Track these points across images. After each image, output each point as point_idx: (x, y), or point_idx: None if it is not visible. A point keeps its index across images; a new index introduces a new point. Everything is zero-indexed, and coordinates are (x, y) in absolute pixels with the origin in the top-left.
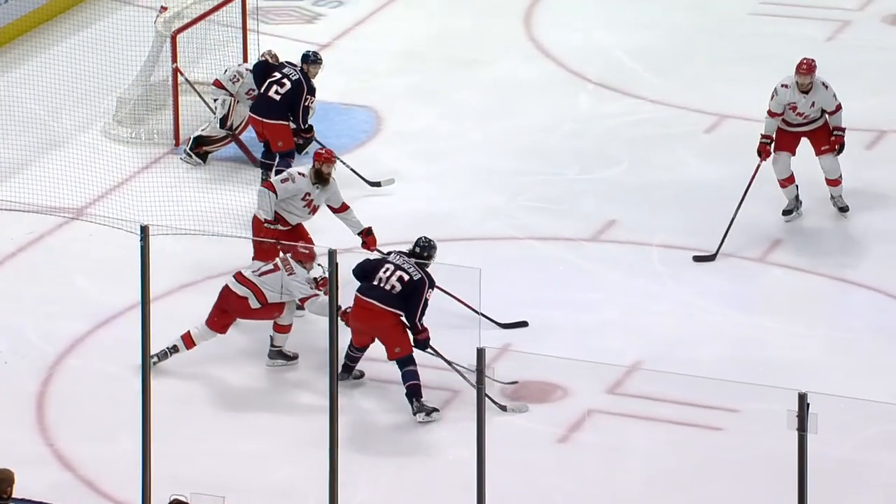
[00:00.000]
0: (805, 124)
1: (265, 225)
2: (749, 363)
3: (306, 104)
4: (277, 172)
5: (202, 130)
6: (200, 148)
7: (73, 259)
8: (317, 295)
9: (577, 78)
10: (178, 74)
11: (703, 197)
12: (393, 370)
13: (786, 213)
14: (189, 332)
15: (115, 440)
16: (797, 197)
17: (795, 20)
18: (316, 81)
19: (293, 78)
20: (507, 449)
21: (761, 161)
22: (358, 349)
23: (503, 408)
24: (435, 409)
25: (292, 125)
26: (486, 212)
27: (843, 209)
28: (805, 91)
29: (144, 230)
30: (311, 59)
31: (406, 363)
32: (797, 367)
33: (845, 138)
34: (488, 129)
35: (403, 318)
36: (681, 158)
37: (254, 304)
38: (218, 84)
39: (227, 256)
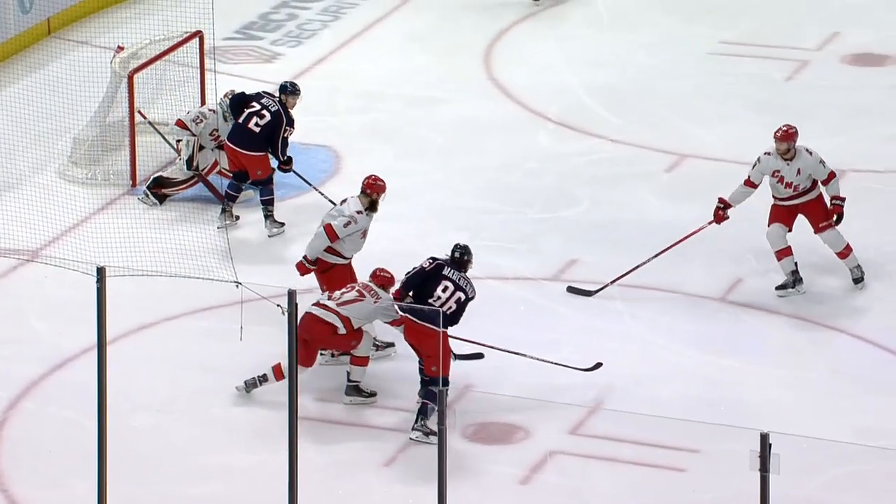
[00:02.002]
0: (796, 196)
1: (307, 265)
2: (711, 403)
3: (285, 135)
4: (265, 203)
5: (165, 171)
6: (160, 189)
7: (29, 301)
8: (402, 323)
9: (538, 117)
10: (140, 116)
11: (665, 236)
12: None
13: (780, 287)
14: (279, 363)
15: (70, 486)
16: (794, 272)
17: (755, 59)
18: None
19: (272, 109)
20: (469, 490)
21: (709, 223)
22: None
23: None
24: (434, 433)
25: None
26: (447, 251)
27: (856, 280)
28: (787, 158)
29: (101, 272)
30: (290, 90)
31: (435, 383)
32: (759, 406)
33: (841, 205)
34: (449, 168)
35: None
36: (642, 198)
37: (342, 330)
38: (181, 124)
39: (185, 297)
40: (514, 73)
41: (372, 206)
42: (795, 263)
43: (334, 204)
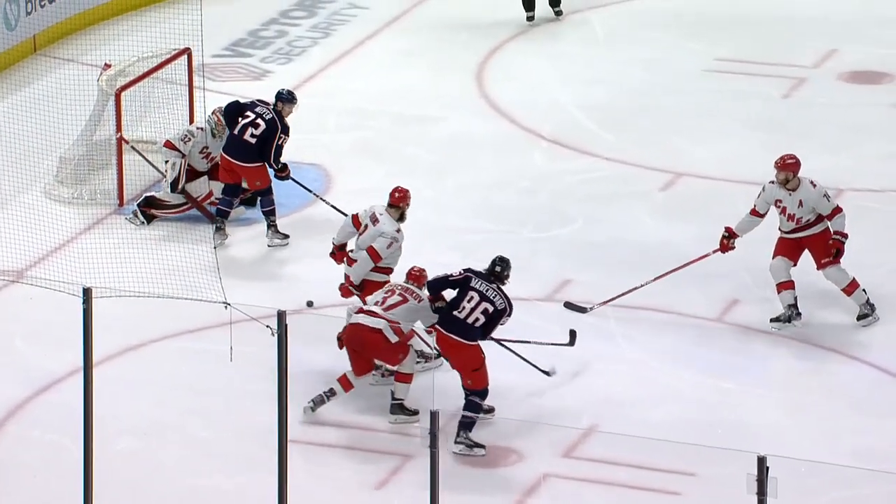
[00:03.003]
0: (800, 229)
1: (352, 289)
2: (706, 425)
3: (279, 143)
4: (266, 214)
5: (156, 192)
6: (149, 209)
7: (13, 323)
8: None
9: (531, 135)
10: (123, 143)
11: (660, 256)
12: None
13: (774, 320)
14: (345, 375)
15: None
16: (792, 306)
17: (751, 77)
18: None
19: (266, 118)
20: None
21: (714, 252)
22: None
23: (546, 373)
24: (479, 446)
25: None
26: (438, 271)
27: (860, 317)
28: (789, 188)
29: (87, 293)
30: (286, 98)
31: (475, 393)
32: (756, 429)
33: (842, 242)
34: (440, 186)
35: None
36: (636, 217)
37: (391, 336)
38: (169, 145)
39: (173, 318)
40: (506, 90)
41: (402, 218)
42: (795, 298)
43: (339, 211)
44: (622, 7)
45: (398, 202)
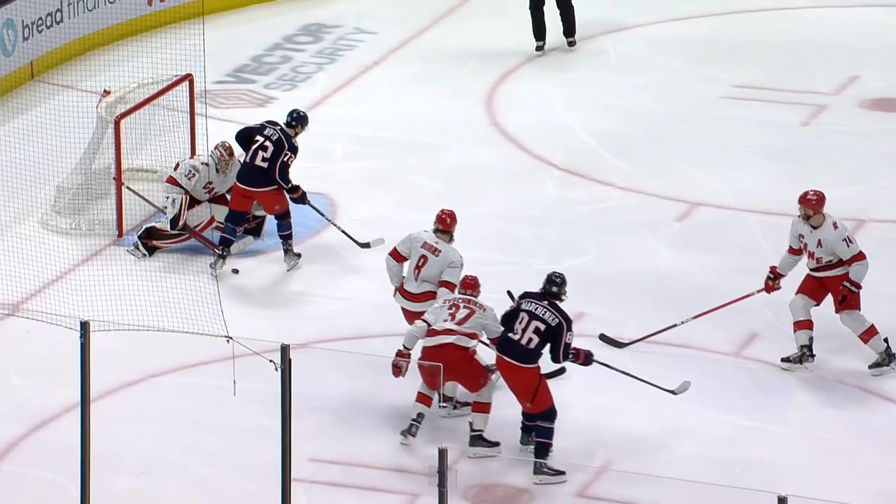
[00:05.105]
0: (821, 269)
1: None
2: (724, 464)
3: (284, 160)
4: (283, 238)
5: (156, 223)
6: (150, 241)
7: (9, 358)
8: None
9: (543, 163)
10: (123, 187)
11: (676, 288)
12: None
13: (785, 360)
14: (420, 392)
15: None
16: (806, 346)
17: (769, 104)
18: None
19: (274, 139)
20: None
21: (758, 291)
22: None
23: (672, 391)
24: (560, 472)
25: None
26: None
27: (874, 365)
28: (812, 225)
29: (85, 326)
30: (295, 119)
31: (542, 417)
32: (776, 468)
33: (852, 291)
34: None
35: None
36: (651, 248)
37: (473, 345)
38: (172, 181)
39: (173, 353)
40: (517, 117)
41: (452, 240)
42: (810, 339)
43: (353, 240)
44: (637, 32)
45: (451, 227)
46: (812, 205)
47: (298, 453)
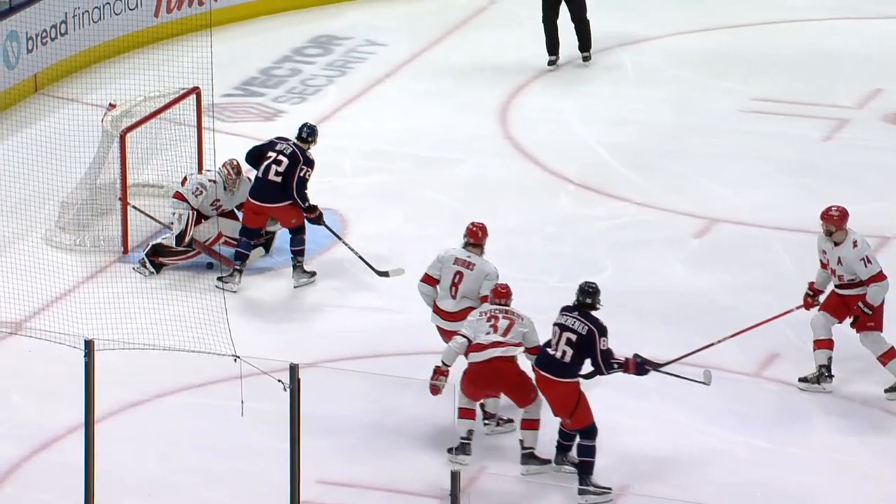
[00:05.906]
0: (842, 287)
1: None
2: (744, 486)
3: (301, 174)
4: (295, 254)
5: (163, 239)
6: (157, 258)
7: (11, 377)
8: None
9: (557, 178)
10: (128, 206)
11: (694, 306)
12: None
13: (802, 380)
14: (460, 408)
15: None
16: (824, 367)
17: (790, 118)
18: None
19: (287, 153)
20: None
21: (797, 307)
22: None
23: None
24: (606, 490)
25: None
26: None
27: (889, 389)
28: (835, 241)
29: (89, 345)
30: (308, 133)
31: (583, 435)
32: (797, 491)
33: (865, 313)
34: (461, 231)
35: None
36: (668, 265)
37: (519, 352)
38: (179, 197)
39: (179, 372)
40: (531, 131)
41: (482, 252)
42: (829, 359)
43: (371, 267)
44: (652, 44)
45: (482, 240)
46: (834, 221)
47: (307, 475)
